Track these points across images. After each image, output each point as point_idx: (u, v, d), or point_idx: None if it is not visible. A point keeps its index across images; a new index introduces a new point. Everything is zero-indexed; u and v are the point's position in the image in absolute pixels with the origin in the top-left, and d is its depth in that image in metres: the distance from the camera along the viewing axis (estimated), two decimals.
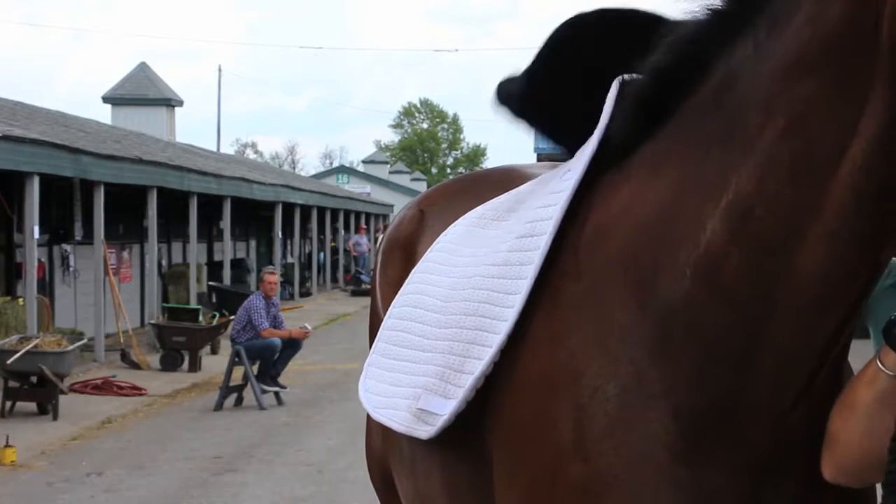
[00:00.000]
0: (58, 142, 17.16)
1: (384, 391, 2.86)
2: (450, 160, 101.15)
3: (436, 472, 2.71)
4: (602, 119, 2.40)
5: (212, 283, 26.55)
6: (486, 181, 3.30)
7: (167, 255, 27.16)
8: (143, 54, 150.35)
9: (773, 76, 2.01)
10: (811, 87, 1.95)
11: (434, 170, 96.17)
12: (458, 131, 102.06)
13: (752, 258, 2.02)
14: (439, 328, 2.67)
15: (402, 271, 3.26)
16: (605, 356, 2.17)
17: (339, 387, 16.30)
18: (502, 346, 2.38)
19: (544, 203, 2.48)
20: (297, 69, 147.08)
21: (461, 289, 2.65)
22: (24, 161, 15.60)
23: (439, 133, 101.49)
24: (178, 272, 25.85)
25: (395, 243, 3.48)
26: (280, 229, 32.02)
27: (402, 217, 3.59)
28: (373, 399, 2.92)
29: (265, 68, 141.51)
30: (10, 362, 13.62)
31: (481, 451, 2.45)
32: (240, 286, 27.43)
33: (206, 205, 25.40)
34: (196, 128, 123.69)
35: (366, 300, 30.27)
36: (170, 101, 35.00)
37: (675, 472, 2.09)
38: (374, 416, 2.88)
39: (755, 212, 2.01)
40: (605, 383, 2.15)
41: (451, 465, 2.62)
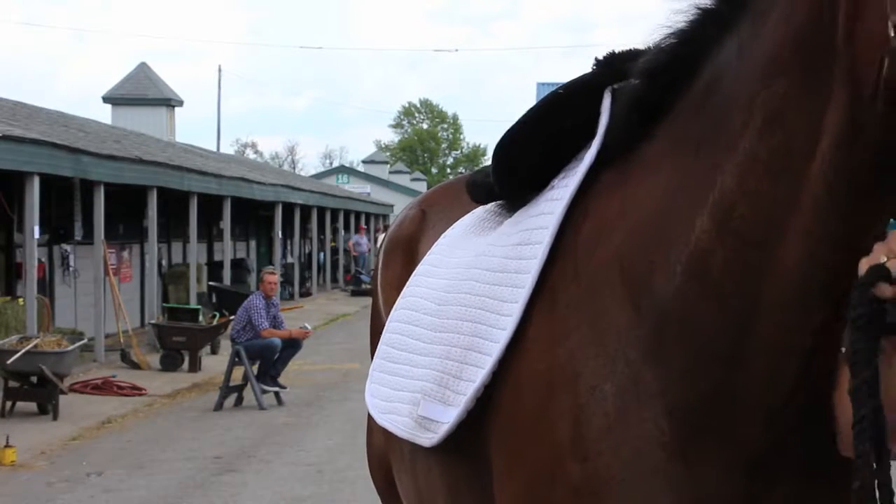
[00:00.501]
0: (58, 142, 17.15)
1: (386, 395, 2.88)
2: (450, 160, 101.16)
3: (435, 473, 2.72)
4: (600, 125, 2.41)
5: (212, 283, 26.54)
6: None
7: (167, 255, 27.15)
8: (143, 54, 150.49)
9: (753, 74, 2.04)
10: (785, 84, 1.99)
11: (434, 170, 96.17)
12: (458, 131, 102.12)
13: (736, 255, 2.05)
14: (435, 332, 2.68)
15: (403, 271, 3.26)
16: (603, 356, 2.19)
17: (339, 387, 16.31)
18: (501, 356, 2.38)
19: (541, 211, 2.48)
20: (297, 69, 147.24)
21: (456, 293, 2.65)
22: (24, 161, 15.60)
23: (439, 133, 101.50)
24: (178, 272, 25.84)
25: (396, 243, 3.48)
26: (280, 229, 32.02)
27: (403, 217, 3.59)
28: (377, 403, 2.94)
29: (265, 68, 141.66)
30: (10, 362, 13.62)
31: (480, 453, 2.46)
32: (240, 286, 27.42)
33: (206, 205, 25.39)
34: (196, 128, 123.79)
35: (366, 300, 30.31)
36: (170, 101, 34.99)
37: (671, 471, 2.11)
38: (379, 421, 2.89)
39: (738, 209, 2.05)
40: (603, 383, 2.17)
41: (450, 467, 2.63)
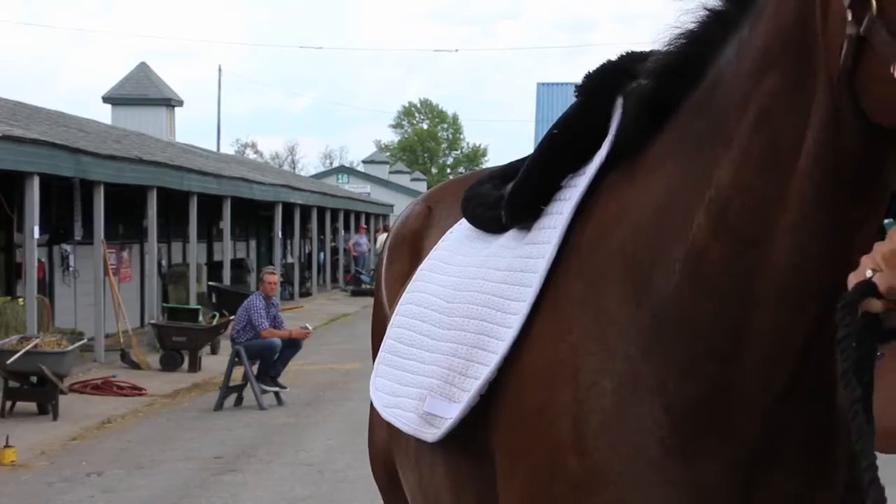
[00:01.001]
0: (58, 142, 17.14)
1: (392, 390, 2.88)
2: (450, 160, 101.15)
3: (439, 468, 2.73)
4: (611, 126, 2.43)
5: (212, 283, 26.53)
6: None
7: (167, 255, 27.14)
8: (143, 54, 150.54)
9: (748, 71, 2.07)
10: (775, 79, 2.01)
11: (434, 170, 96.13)
12: (458, 131, 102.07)
13: (730, 251, 2.08)
14: (443, 329, 2.70)
15: (408, 267, 3.27)
16: (603, 352, 2.22)
17: (339, 387, 16.31)
18: (507, 353, 2.40)
19: (549, 211, 2.49)
20: (297, 69, 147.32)
21: (465, 290, 2.67)
22: (24, 161, 15.59)
23: (439, 133, 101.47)
24: (178, 272, 25.83)
25: (402, 239, 3.48)
26: (280, 229, 32.01)
27: (409, 213, 3.60)
28: (382, 398, 2.94)
29: (265, 68, 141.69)
30: (10, 362, 13.61)
31: (484, 449, 2.47)
32: (240, 286, 27.40)
33: (206, 205, 25.39)
34: (196, 128, 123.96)
35: (366, 300, 30.26)
36: (170, 101, 35.00)
37: (668, 466, 2.13)
38: (383, 414, 2.90)
39: (732, 205, 2.08)
40: (602, 378, 2.20)
41: (454, 462, 2.64)
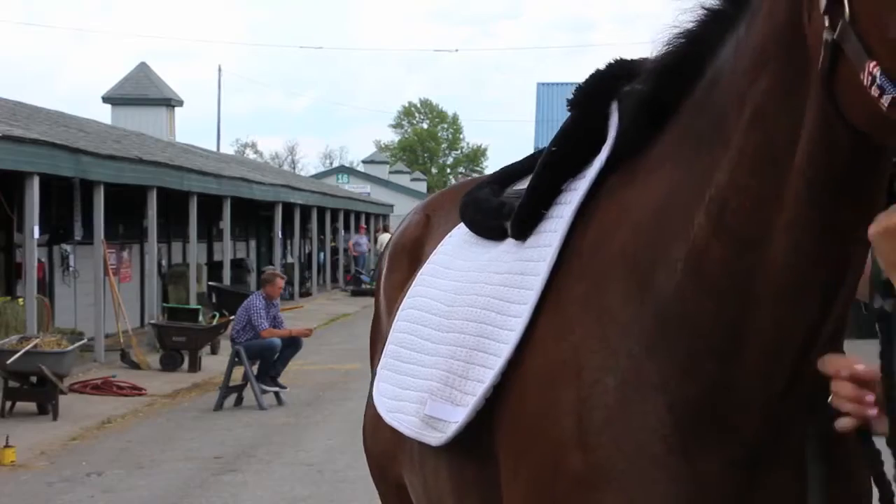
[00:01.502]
0: (58, 142, 17.14)
1: (394, 394, 2.89)
2: (450, 160, 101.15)
3: (443, 472, 2.73)
4: (610, 130, 2.43)
5: (212, 283, 26.53)
6: None
7: (167, 255, 27.14)
8: (143, 54, 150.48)
9: (745, 70, 2.07)
10: (769, 79, 2.02)
11: (434, 170, 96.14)
12: (458, 131, 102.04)
13: (729, 250, 2.09)
14: (442, 332, 2.71)
15: (408, 275, 3.28)
16: (606, 350, 2.23)
17: (339, 387, 16.30)
18: (510, 356, 2.41)
19: (551, 215, 2.50)
20: (297, 69, 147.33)
21: (464, 294, 2.68)
22: (24, 161, 15.59)
23: (439, 133, 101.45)
24: (178, 272, 25.83)
25: (401, 248, 3.50)
26: (280, 229, 32.01)
27: (408, 222, 3.61)
28: (385, 402, 2.95)
29: (265, 68, 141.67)
30: (10, 362, 13.61)
31: (488, 453, 2.48)
32: (240, 286, 27.40)
33: (206, 205, 25.39)
34: (196, 128, 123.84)
35: (366, 300, 30.18)
36: (170, 101, 35.00)
37: (670, 463, 2.14)
38: (387, 419, 2.91)
39: (730, 204, 2.09)
40: (605, 376, 2.21)
41: (457, 465, 2.65)
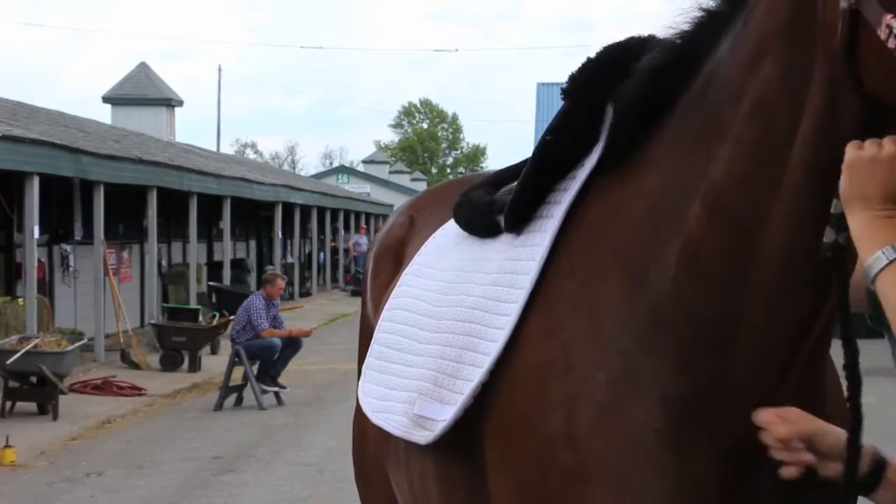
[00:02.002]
0: (58, 142, 17.15)
1: (381, 394, 2.89)
2: (450, 160, 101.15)
3: (430, 470, 2.73)
4: (603, 129, 2.43)
5: (212, 283, 26.54)
6: None
7: (167, 255, 27.14)
8: (143, 54, 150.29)
9: (742, 63, 2.10)
10: (769, 68, 2.05)
11: (434, 170, 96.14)
12: (457, 131, 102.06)
13: (724, 241, 2.11)
14: (431, 332, 2.71)
15: (393, 276, 3.29)
16: (597, 346, 2.24)
17: (339, 387, 16.28)
18: (500, 355, 2.41)
19: (541, 215, 2.51)
20: (297, 69, 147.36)
21: (452, 294, 2.69)
22: (24, 161, 15.59)
23: (439, 133, 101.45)
24: (178, 272, 25.83)
25: (386, 249, 3.52)
26: (280, 229, 32.01)
27: (392, 223, 3.63)
28: (371, 403, 2.95)
29: (265, 68, 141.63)
30: (10, 362, 13.61)
31: (475, 449, 2.48)
32: (240, 286, 27.40)
33: (206, 205, 25.39)
34: (196, 128, 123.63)
35: None
36: (170, 101, 35.00)
37: (662, 460, 2.15)
38: (373, 419, 2.91)
39: (726, 195, 2.11)
40: (596, 372, 2.22)
41: (444, 464, 2.65)
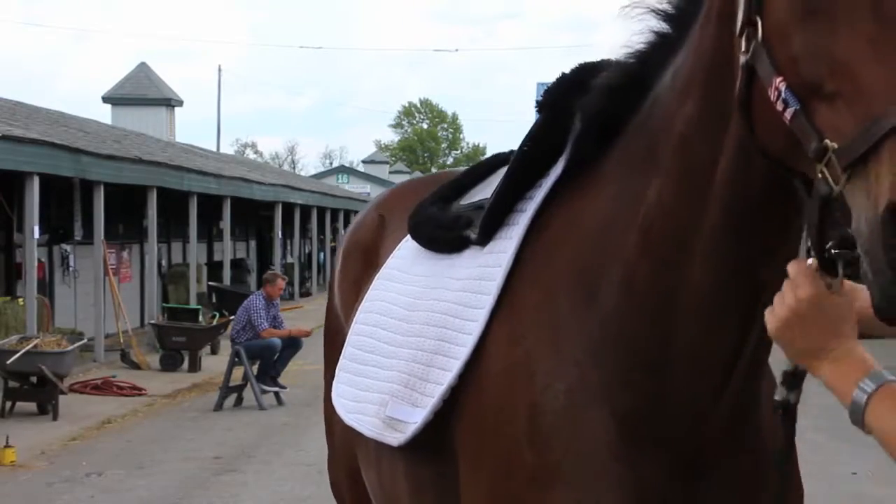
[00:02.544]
0: (58, 142, 17.15)
1: (353, 396, 2.98)
2: (450, 160, 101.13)
3: (400, 471, 2.80)
4: (568, 143, 2.51)
5: (212, 283, 26.54)
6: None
7: (167, 255, 27.14)
8: (143, 54, 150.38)
9: (675, 96, 2.18)
10: (693, 105, 2.13)
11: (434, 170, 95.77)
12: (457, 131, 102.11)
13: (654, 271, 2.22)
14: (403, 336, 2.80)
15: (362, 274, 3.39)
16: (555, 356, 2.34)
17: None
18: (468, 358, 2.49)
19: (508, 222, 2.61)
20: (297, 69, 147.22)
21: (424, 299, 2.77)
22: (24, 161, 15.59)
23: (439, 133, 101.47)
24: (178, 272, 25.83)
25: (354, 247, 3.59)
26: (280, 229, 32.02)
27: (360, 221, 3.70)
28: (343, 403, 3.04)
29: (265, 68, 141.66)
30: (10, 362, 13.61)
31: (446, 453, 2.55)
32: (240, 286, 27.41)
33: (206, 205, 25.39)
34: (196, 128, 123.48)
35: None
36: (170, 101, 35.04)
37: (615, 470, 2.25)
38: (345, 419, 3.00)
39: (656, 225, 2.22)
40: (555, 381, 2.33)
41: (415, 465, 2.72)
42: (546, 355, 2.35)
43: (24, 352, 13.72)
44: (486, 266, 2.58)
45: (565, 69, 2.61)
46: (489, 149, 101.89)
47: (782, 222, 2.05)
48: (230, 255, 28.16)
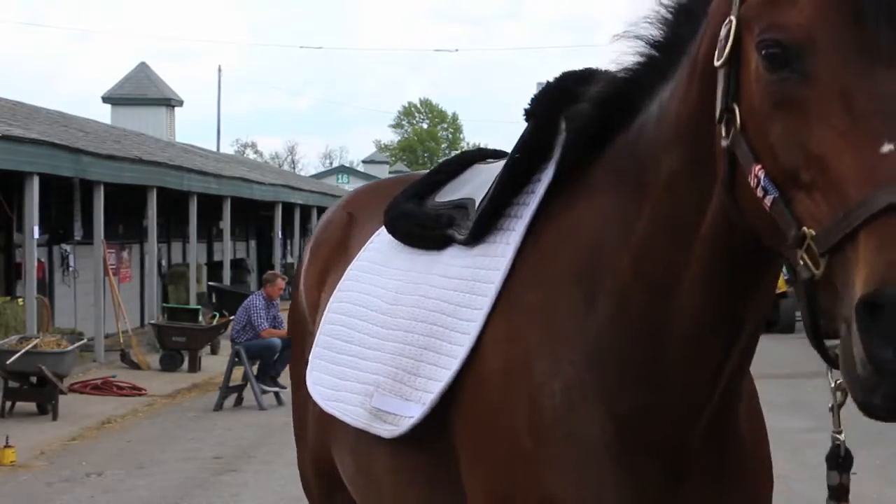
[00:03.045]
0: (58, 142, 17.16)
1: (332, 384, 3.02)
2: None
3: (386, 459, 2.83)
4: (556, 148, 2.59)
5: (212, 283, 26.54)
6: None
7: (167, 255, 27.15)
8: (144, 54, 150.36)
9: (662, 139, 2.29)
10: (680, 156, 2.24)
11: None
12: (457, 131, 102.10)
13: (646, 295, 2.33)
14: (386, 329, 2.85)
15: (331, 268, 3.43)
16: (553, 356, 2.43)
17: None
18: (466, 357, 2.55)
19: (502, 227, 2.66)
20: (297, 69, 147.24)
21: (408, 294, 2.83)
22: (24, 161, 15.60)
23: (439, 133, 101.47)
24: (178, 272, 25.84)
25: (323, 242, 3.64)
26: (280, 229, 32.02)
27: (329, 219, 3.75)
28: (321, 391, 3.08)
29: (265, 68, 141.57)
30: (9, 362, 13.62)
31: (439, 442, 2.60)
32: (240, 286, 27.42)
33: (206, 205, 25.39)
34: (196, 128, 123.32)
35: None
36: (170, 101, 35.04)
37: (610, 468, 2.34)
38: (325, 407, 3.04)
39: (647, 255, 2.33)
40: (551, 380, 2.41)
41: (403, 454, 2.75)
42: (543, 355, 2.43)
43: (24, 352, 13.72)
44: (480, 268, 2.63)
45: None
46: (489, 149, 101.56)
47: (766, 263, 2.18)
48: (230, 255, 28.17)
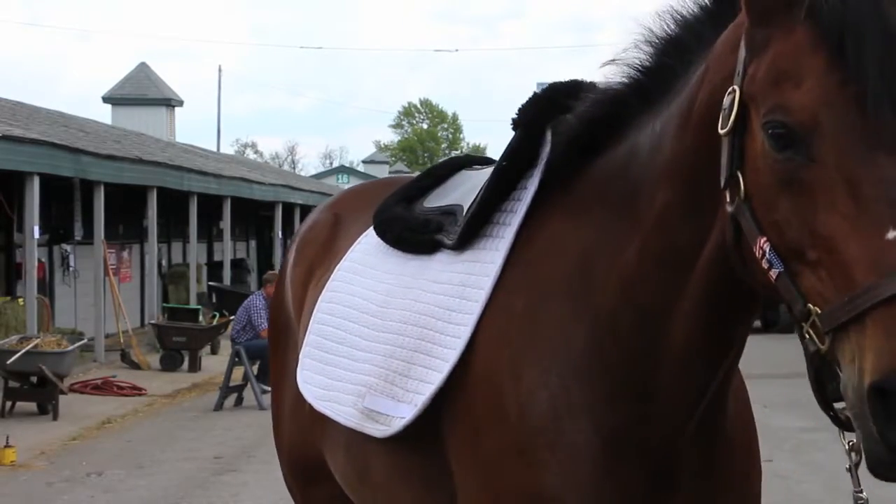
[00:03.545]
0: (58, 142, 17.17)
1: (323, 384, 3.05)
2: None
3: (380, 458, 2.86)
4: (542, 156, 2.63)
5: (212, 283, 26.55)
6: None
7: (167, 255, 27.16)
8: (144, 54, 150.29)
9: (655, 172, 2.31)
10: (676, 192, 2.27)
11: None
12: (457, 131, 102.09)
13: (636, 320, 2.37)
14: (377, 332, 2.89)
15: (317, 268, 3.46)
16: (540, 365, 2.47)
17: None
18: (457, 360, 2.59)
19: (490, 234, 2.70)
20: (297, 69, 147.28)
21: (399, 297, 2.87)
22: (24, 161, 15.61)
23: (439, 133, 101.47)
24: (178, 272, 25.85)
25: (310, 242, 3.65)
26: (280, 229, 32.03)
27: (315, 219, 3.77)
28: (313, 391, 3.11)
29: (266, 68, 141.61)
30: (10, 362, 13.62)
31: (431, 441, 2.64)
32: (240, 286, 27.41)
33: (206, 205, 25.40)
34: (196, 128, 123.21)
35: None
36: (170, 101, 35.05)
37: (598, 478, 2.39)
38: (317, 407, 3.08)
39: (637, 283, 2.36)
40: (539, 389, 2.45)
41: (396, 453, 2.79)
42: (531, 363, 2.47)
43: (24, 352, 13.72)
44: (470, 274, 2.67)
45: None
46: (489, 149, 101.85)
47: (756, 295, 2.21)
48: (230, 255, 28.17)
